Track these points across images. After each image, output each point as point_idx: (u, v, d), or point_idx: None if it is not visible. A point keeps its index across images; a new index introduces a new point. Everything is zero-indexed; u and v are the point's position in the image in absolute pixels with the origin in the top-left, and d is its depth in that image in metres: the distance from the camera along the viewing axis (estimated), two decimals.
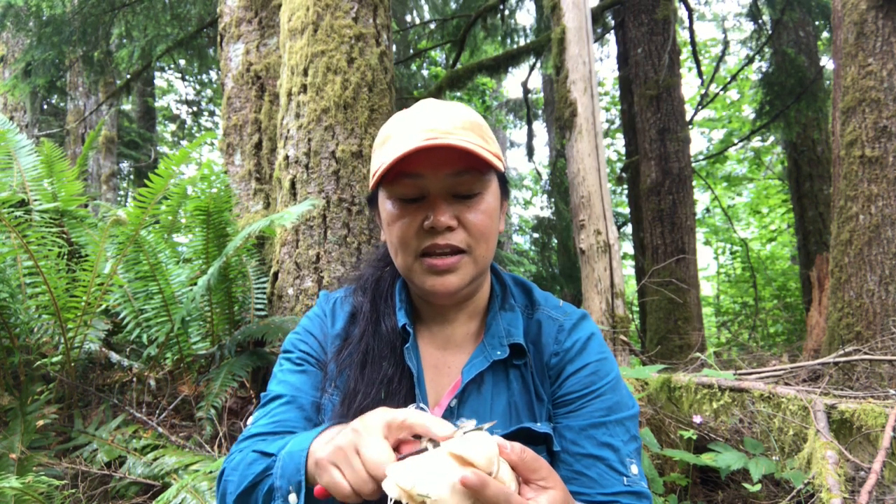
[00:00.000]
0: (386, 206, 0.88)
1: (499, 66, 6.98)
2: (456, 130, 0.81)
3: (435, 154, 0.81)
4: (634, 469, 0.83)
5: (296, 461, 0.72)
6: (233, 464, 0.82)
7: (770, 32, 7.19)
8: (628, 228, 9.20)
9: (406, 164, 0.82)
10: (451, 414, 0.85)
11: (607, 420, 0.85)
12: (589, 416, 0.85)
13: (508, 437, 0.83)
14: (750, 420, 2.39)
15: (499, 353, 0.88)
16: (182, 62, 9.22)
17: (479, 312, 0.95)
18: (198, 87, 12.31)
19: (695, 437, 2.19)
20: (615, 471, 0.81)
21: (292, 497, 0.71)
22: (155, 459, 2.03)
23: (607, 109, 11.85)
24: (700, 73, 8.08)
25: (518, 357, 0.89)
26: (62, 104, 10.03)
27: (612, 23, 7.94)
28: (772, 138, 9.88)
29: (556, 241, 8.97)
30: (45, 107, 10.45)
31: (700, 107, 8.67)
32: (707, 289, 12.01)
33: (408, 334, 0.90)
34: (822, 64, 7.36)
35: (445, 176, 0.83)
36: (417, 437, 0.67)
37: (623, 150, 9.81)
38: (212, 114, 12.60)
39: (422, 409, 0.82)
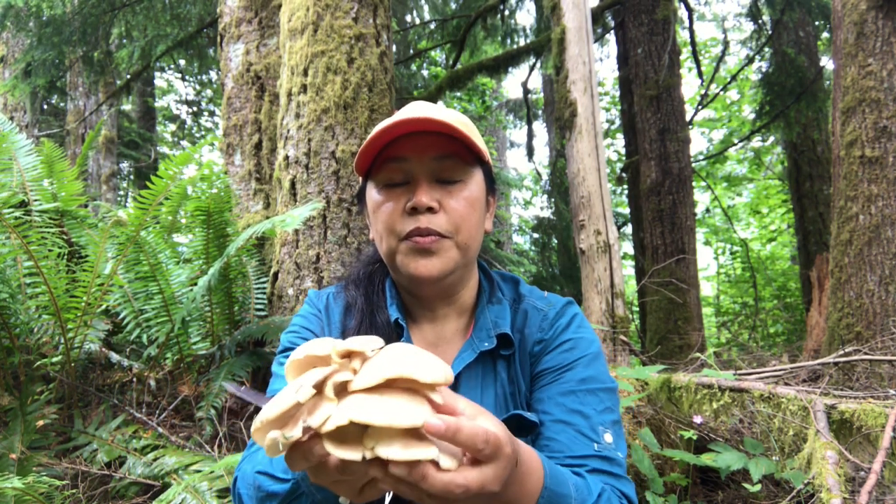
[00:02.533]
0: (372, 194, 0.90)
1: (499, 67, 6.98)
2: (440, 117, 0.83)
3: (420, 139, 0.84)
4: (609, 438, 0.82)
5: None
6: (246, 480, 0.79)
7: (770, 32, 7.19)
8: (628, 228, 9.20)
9: (391, 149, 0.85)
10: None
11: (578, 389, 0.85)
12: (560, 386, 0.86)
13: None
14: (750, 420, 2.39)
15: (486, 344, 0.89)
16: (182, 62, 9.23)
17: (468, 309, 0.97)
18: (198, 87, 12.31)
19: (695, 437, 2.19)
20: (584, 436, 0.81)
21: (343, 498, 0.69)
22: (155, 459, 2.03)
23: (607, 109, 11.85)
24: (700, 73, 8.08)
25: (505, 348, 0.91)
26: (62, 104, 10.03)
27: (612, 23, 7.94)
28: (772, 138, 9.89)
29: (556, 241, 8.97)
30: (45, 107, 10.46)
31: (700, 107, 8.67)
32: (707, 289, 12.01)
33: (401, 328, 0.91)
34: (822, 64, 7.36)
35: (429, 160, 0.85)
36: None
37: (623, 150, 9.81)
38: (212, 114, 12.60)
39: None
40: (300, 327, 0.97)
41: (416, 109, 0.86)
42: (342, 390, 0.51)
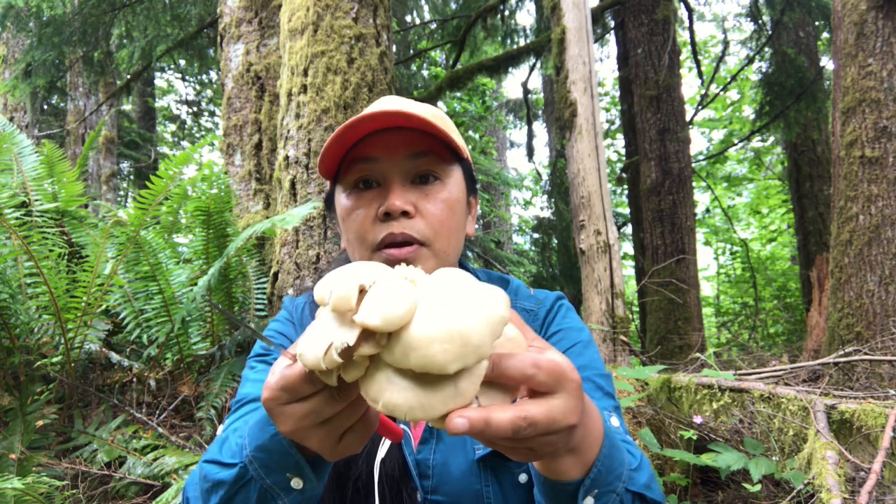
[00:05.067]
0: (341, 200, 0.82)
1: (499, 67, 6.98)
2: (413, 111, 0.76)
3: (390, 136, 0.77)
4: (615, 422, 0.76)
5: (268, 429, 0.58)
6: (193, 478, 0.69)
7: (770, 33, 7.19)
8: (628, 228, 9.20)
9: (359, 148, 0.78)
10: (430, 434, 0.80)
11: None
12: None
13: (487, 457, 0.76)
14: (750, 420, 2.39)
15: None
16: (182, 62, 9.23)
17: None
18: (198, 87, 12.32)
19: (695, 437, 2.19)
20: None
21: (296, 482, 0.59)
22: (155, 459, 2.03)
23: (607, 109, 11.85)
24: (700, 73, 8.08)
25: None
26: (62, 104, 10.03)
27: (612, 23, 7.94)
28: (772, 138, 9.89)
29: (556, 241, 8.97)
30: (46, 107, 10.46)
31: (700, 107, 8.68)
32: (707, 289, 12.01)
33: None
34: (822, 64, 7.36)
35: (402, 159, 0.78)
36: None
37: (623, 150, 9.81)
38: (212, 114, 12.61)
39: (402, 429, 0.78)
40: (276, 332, 0.91)
41: (386, 103, 0.79)
42: (374, 357, 0.45)
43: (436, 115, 0.81)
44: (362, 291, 0.45)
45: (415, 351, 0.42)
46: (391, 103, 0.79)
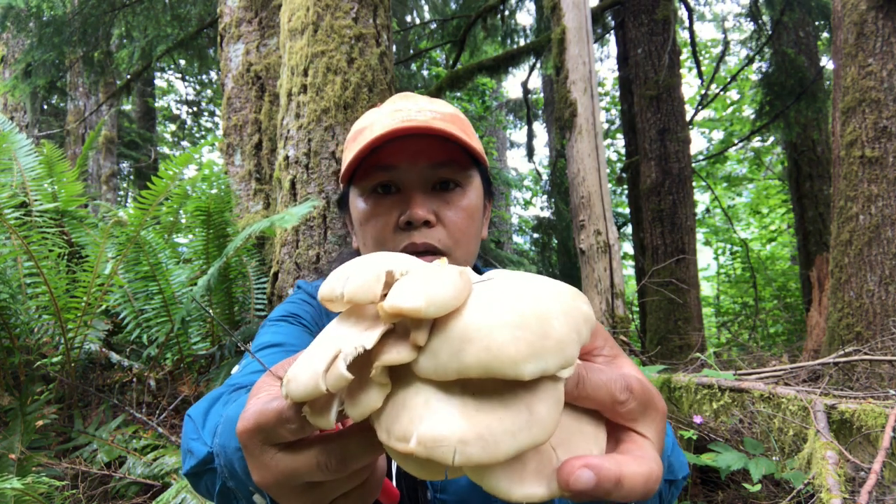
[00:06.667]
0: (357, 204, 0.81)
1: (499, 67, 6.98)
2: (435, 121, 0.75)
3: (412, 144, 0.76)
4: None
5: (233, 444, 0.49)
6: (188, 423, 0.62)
7: (770, 33, 7.19)
8: (628, 228, 9.20)
9: (380, 155, 0.77)
10: None
11: None
12: None
13: None
14: (750, 420, 2.39)
15: None
16: (182, 62, 9.23)
17: None
18: (198, 87, 12.32)
19: (695, 437, 2.19)
20: None
21: (258, 497, 0.50)
22: (155, 459, 2.03)
23: (607, 109, 11.85)
24: (700, 73, 8.08)
25: None
26: (62, 104, 10.03)
27: (612, 23, 7.93)
28: (772, 138, 9.89)
29: (556, 241, 8.97)
30: (46, 107, 10.46)
31: (700, 107, 8.68)
32: (707, 289, 12.00)
33: None
34: (822, 64, 7.36)
35: (423, 168, 0.77)
36: None
37: (623, 150, 9.81)
38: (212, 114, 12.61)
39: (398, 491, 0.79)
40: (298, 299, 0.88)
41: (406, 110, 0.78)
42: (402, 368, 0.31)
43: (455, 117, 0.80)
44: (389, 283, 0.32)
45: (472, 343, 0.28)
46: (410, 109, 0.78)
